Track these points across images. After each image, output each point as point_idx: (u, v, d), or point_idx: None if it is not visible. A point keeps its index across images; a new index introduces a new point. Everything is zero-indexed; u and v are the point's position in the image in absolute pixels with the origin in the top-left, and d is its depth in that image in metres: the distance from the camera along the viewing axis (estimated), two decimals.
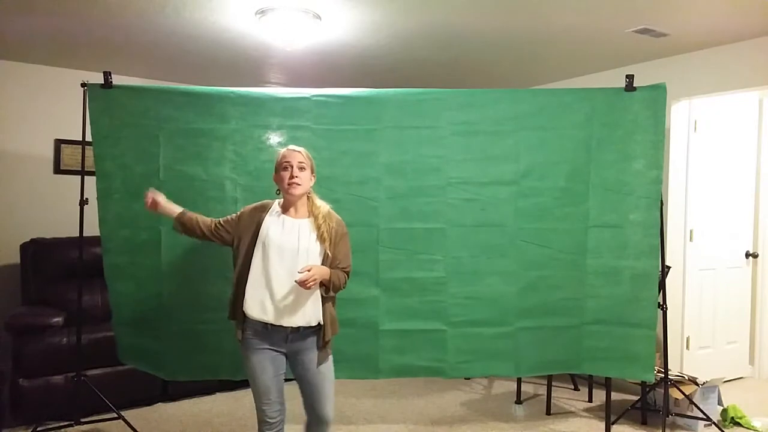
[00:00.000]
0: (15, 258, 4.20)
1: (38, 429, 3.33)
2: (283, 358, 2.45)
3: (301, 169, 2.44)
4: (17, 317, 3.62)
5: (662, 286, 3.47)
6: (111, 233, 3.23)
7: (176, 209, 2.63)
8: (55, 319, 3.59)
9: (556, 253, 3.26)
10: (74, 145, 4.66)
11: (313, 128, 3.21)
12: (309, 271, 2.28)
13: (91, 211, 3.26)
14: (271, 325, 2.37)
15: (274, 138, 3.22)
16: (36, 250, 4.08)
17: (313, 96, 3.23)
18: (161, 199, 2.65)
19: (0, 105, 4.51)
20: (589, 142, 3.25)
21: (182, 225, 2.60)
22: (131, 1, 3.27)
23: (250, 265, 2.39)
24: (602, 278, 3.27)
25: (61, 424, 3.41)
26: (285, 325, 2.37)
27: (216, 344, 3.23)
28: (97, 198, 3.20)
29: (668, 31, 3.68)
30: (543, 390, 4.26)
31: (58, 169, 4.72)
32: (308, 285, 2.28)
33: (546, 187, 3.26)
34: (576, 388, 4.45)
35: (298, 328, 2.39)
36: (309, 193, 2.50)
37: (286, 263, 2.36)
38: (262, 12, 3.41)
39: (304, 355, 2.43)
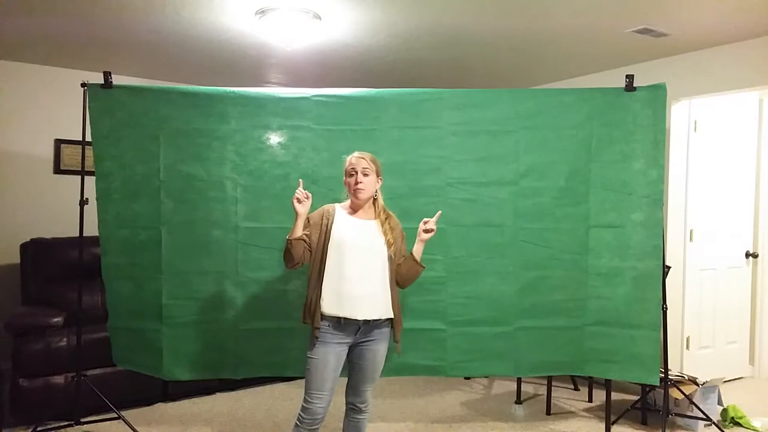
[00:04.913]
0: (15, 258, 4.20)
1: (38, 429, 3.33)
2: (346, 351, 2.59)
3: (365, 174, 2.59)
4: (17, 317, 3.61)
5: (662, 286, 3.46)
6: (110, 233, 3.23)
7: (298, 231, 2.55)
8: (55, 319, 3.59)
9: (556, 253, 3.26)
10: (74, 145, 4.67)
11: (313, 128, 3.22)
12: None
13: (91, 211, 3.27)
14: (345, 318, 2.51)
15: (274, 138, 3.22)
16: (36, 250, 4.09)
17: (314, 96, 3.23)
18: (303, 210, 2.56)
19: (0, 105, 4.52)
20: (589, 142, 3.25)
21: (293, 248, 2.54)
22: (131, 1, 3.27)
23: (325, 267, 2.54)
24: (604, 279, 3.25)
25: (61, 424, 3.42)
26: (359, 318, 2.52)
27: (216, 343, 3.24)
28: (97, 198, 3.21)
29: (668, 31, 3.68)
30: (543, 390, 4.26)
31: (58, 169, 4.73)
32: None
33: (546, 187, 3.25)
34: (576, 388, 4.44)
35: (369, 321, 2.55)
36: (375, 196, 2.66)
37: (360, 262, 2.54)
38: (262, 12, 3.41)
39: (369, 345, 2.59)
